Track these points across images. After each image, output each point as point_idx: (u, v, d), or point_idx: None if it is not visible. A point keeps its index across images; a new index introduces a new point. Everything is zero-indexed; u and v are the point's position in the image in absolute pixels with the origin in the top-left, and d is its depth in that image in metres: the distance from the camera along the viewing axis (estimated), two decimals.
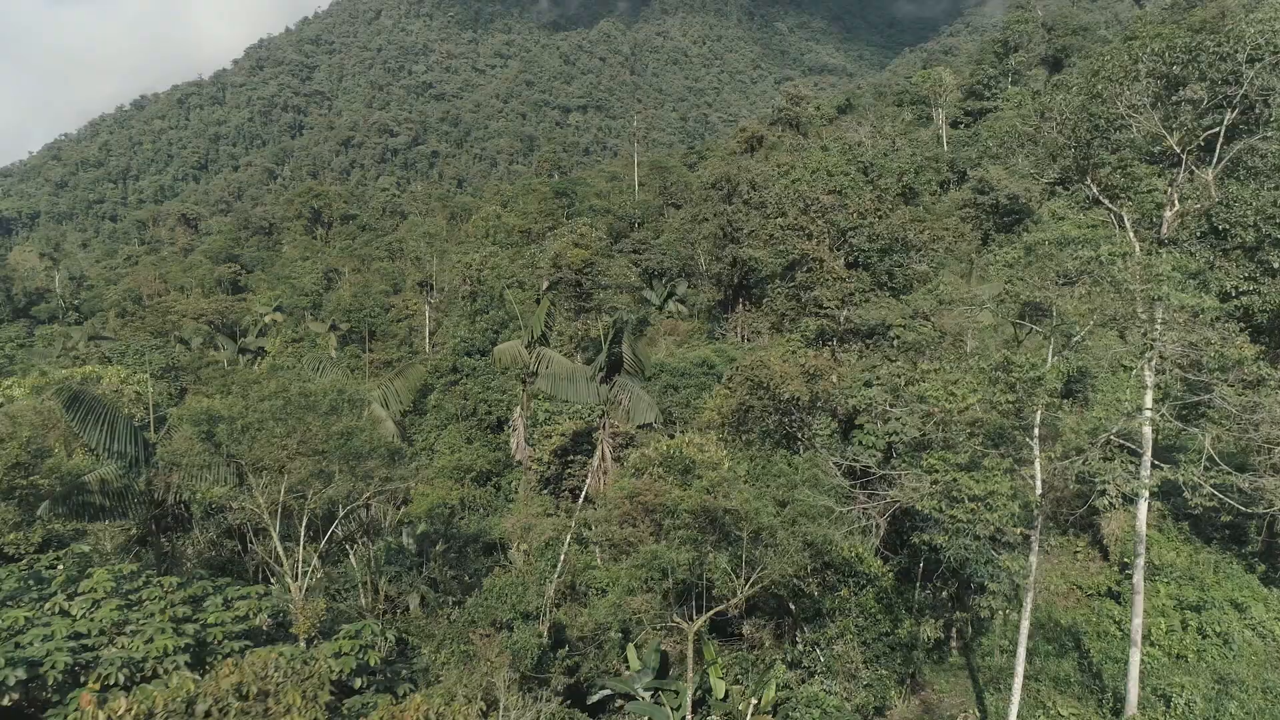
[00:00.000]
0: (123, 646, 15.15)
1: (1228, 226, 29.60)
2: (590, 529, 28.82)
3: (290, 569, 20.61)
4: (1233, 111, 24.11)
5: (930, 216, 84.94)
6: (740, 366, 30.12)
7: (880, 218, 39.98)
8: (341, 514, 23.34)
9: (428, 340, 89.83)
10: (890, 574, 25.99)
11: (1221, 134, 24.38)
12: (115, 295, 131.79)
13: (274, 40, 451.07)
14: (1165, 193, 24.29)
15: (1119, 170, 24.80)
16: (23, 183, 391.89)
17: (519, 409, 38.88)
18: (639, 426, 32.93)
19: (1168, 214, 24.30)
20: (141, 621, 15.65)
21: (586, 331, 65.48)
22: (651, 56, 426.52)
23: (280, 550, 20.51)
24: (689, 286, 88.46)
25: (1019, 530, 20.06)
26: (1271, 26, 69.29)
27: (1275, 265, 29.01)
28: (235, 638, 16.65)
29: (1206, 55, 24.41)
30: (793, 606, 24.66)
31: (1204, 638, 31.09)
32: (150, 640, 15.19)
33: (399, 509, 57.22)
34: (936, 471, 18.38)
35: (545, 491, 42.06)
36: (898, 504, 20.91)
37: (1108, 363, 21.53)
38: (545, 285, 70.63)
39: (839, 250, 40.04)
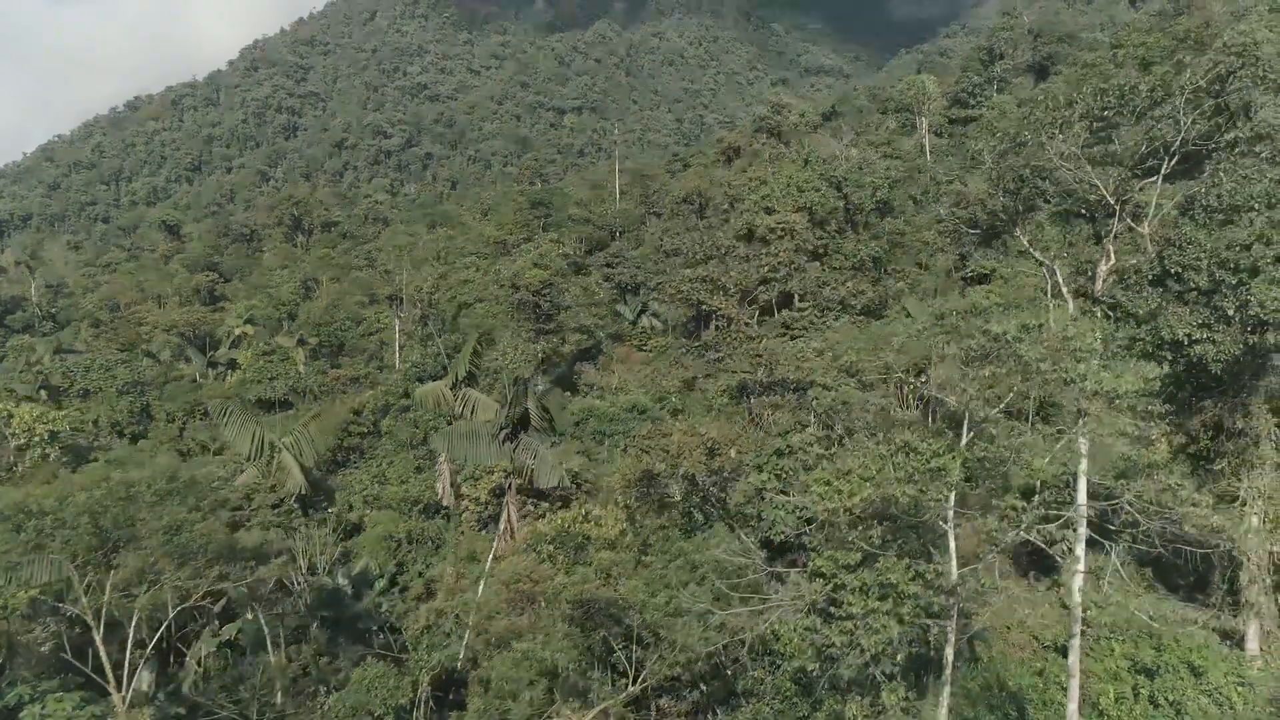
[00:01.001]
0: None
1: (1180, 270, 27.80)
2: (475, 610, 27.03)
3: (119, 674, 18.84)
4: (1171, 159, 22.29)
5: (910, 230, 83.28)
6: (637, 436, 28.33)
7: (795, 270, 38.07)
8: (172, 614, 21.54)
9: (398, 355, 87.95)
10: (812, 649, 24.13)
11: (1159, 184, 22.55)
12: (91, 304, 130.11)
13: (269, 41, 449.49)
14: (1100, 245, 22.49)
15: (1051, 221, 23.03)
16: (15, 184, 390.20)
17: (444, 453, 37.05)
18: (549, 488, 31.14)
19: (1102, 268, 22.48)
20: None
21: (555, 350, 63.75)
22: (647, 58, 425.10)
23: (104, 656, 18.72)
24: (663, 301, 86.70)
25: (929, 623, 18.23)
26: (1252, 36, 67.17)
27: (1230, 312, 27.15)
28: None
29: (1140, 99, 22.57)
30: (704, 687, 22.89)
31: (1156, 708, 29.26)
32: None
33: (348, 538, 55.41)
34: (822, 576, 16.60)
35: (484, 531, 40.27)
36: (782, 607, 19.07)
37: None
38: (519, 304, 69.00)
39: (751, 302, 37.85)
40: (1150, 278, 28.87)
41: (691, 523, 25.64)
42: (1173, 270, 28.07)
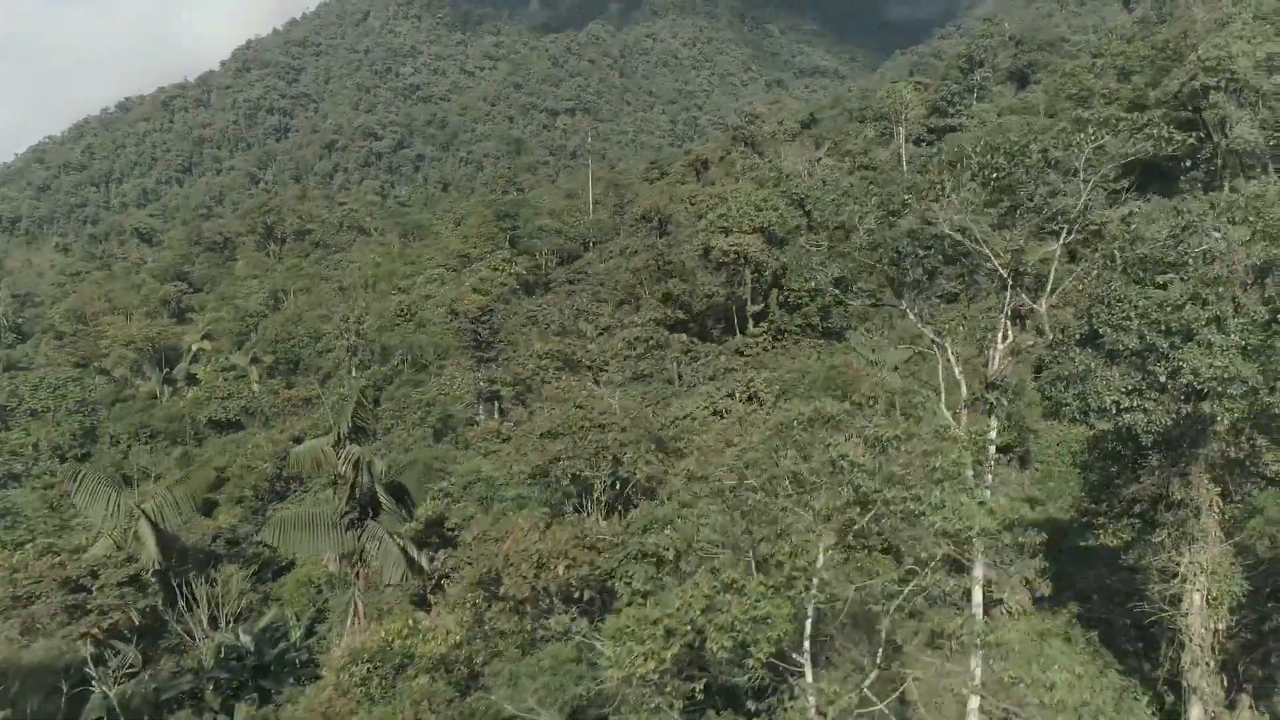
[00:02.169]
0: None
1: (1109, 329, 25.23)
2: None
3: None
4: (1068, 234, 19.63)
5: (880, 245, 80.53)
6: (465, 542, 25.57)
7: (652, 349, 34.78)
8: None
9: (353, 374, 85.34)
10: None
11: (1057, 256, 19.91)
12: (55, 316, 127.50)
13: (261, 42, 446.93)
14: (998, 322, 19.87)
15: (943, 291, 20.45)
16: (5, 186, 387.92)
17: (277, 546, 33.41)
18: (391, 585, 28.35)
19: (998, 348, 19.83)
20: None
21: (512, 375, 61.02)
22: (641, 59, 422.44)
23: None
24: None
25: None
26: (1227, 50, 64.10)
27: (1162, 379, 24.53)
28: None
29: (1031, 163, 19.90)
30: None
31: None
32: None
33: (272, 580, 52.76)
34: None
35: (389, 588, 37.56)
36: None
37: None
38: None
39: (606, 383, 33.41)
40: (1079, 336, 26.33)
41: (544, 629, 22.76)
42: (1101, 330, 25.51)
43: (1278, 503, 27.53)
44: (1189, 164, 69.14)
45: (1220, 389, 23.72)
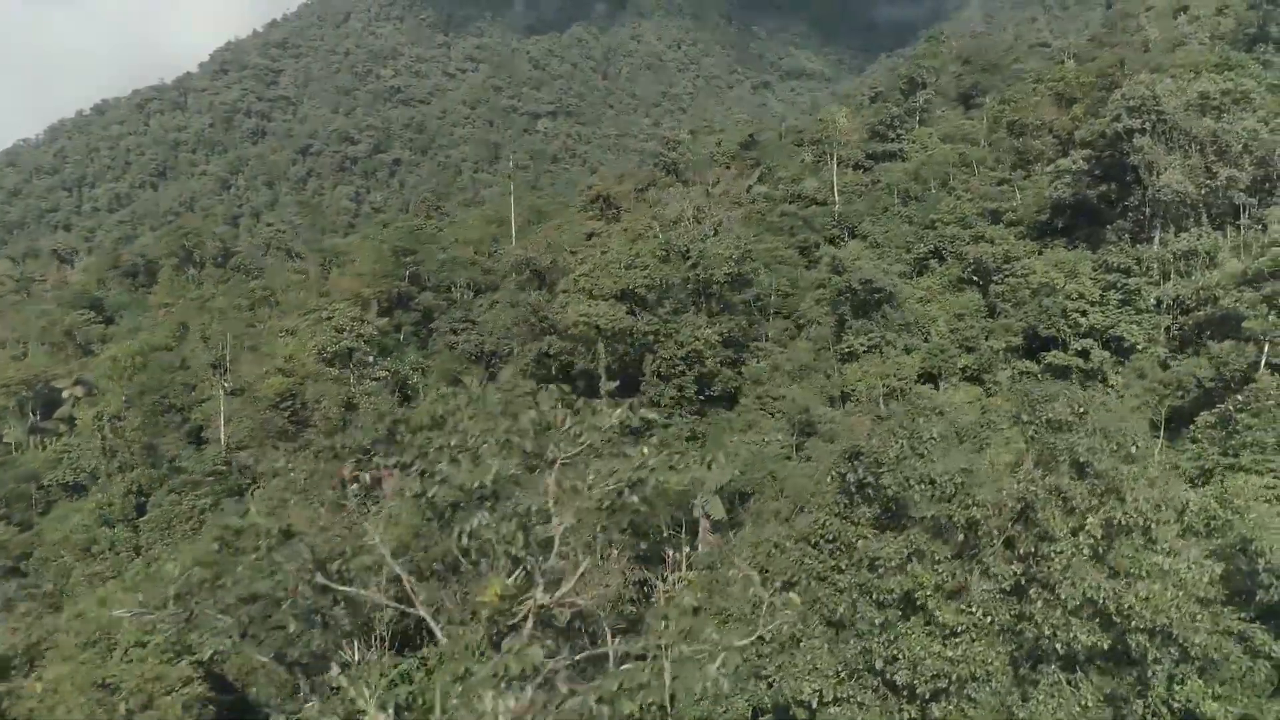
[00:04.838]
0: None
1: (814, 584, 17.72)
2: None
3: None
4: (551, 592, 11.94)
5: (795, 292, 73.27)
6: None
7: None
8: None
9: (223, 433, 77.70)
10: None
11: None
12: None
13: (240, 44, 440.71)
14: None
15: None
16: None
17: None
18: None
19: None
20: None
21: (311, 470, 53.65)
22: (625, 61, 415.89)
23: None
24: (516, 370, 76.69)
25: None
26: (1153, 89, 56.09)
27: (878, 665, 17.02)
28: None
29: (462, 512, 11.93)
30: None
31: None
32: None
33: None
34: None
35: None
36: None
37: None
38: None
39: None
40: (782, 582, 18.84)
41: None
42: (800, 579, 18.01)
43: None
44: (1119, 210, 61.62)
45: (954, 688, 16.24)
